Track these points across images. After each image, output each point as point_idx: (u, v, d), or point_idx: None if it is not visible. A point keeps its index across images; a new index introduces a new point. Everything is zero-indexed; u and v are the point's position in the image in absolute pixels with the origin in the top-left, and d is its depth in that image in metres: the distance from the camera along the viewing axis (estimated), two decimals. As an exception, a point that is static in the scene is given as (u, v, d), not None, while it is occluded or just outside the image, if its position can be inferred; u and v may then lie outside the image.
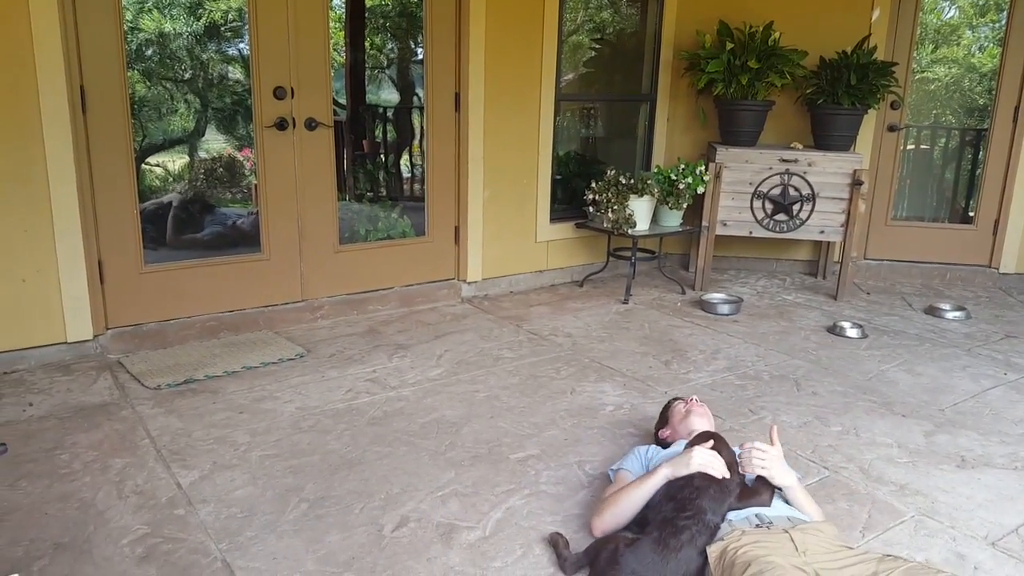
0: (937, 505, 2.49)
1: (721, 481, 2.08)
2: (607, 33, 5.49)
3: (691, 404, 2.61)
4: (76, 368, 3.38)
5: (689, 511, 2.00)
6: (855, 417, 3.13)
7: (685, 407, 2.61)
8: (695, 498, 2.02)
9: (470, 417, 3.02)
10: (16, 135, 3.16)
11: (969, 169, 5.59)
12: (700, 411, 2.57)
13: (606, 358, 3.72)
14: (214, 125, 4.52)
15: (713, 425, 2.60)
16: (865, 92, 4.70)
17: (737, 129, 4.93)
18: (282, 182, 3.92)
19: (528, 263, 4.92)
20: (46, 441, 2.73)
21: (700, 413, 2.56)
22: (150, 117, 4.19)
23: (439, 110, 4.40)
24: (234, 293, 3.89)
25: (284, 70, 3.79)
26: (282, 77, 3.78)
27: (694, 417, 2.54)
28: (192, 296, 3.77)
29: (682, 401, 2.66)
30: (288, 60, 3.79)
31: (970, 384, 3.52)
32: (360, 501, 2.41)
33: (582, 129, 5.64)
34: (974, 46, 5.55)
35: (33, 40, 3.12)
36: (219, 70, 4.45)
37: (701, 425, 2.52)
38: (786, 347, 3.94)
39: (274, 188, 3.90)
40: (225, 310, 3.86)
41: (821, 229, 4.86)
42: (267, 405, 3.08)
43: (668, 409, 2.70)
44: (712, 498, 2.03)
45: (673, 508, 2.03)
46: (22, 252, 3.26)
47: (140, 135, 4.09)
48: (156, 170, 4.49)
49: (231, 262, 3.90)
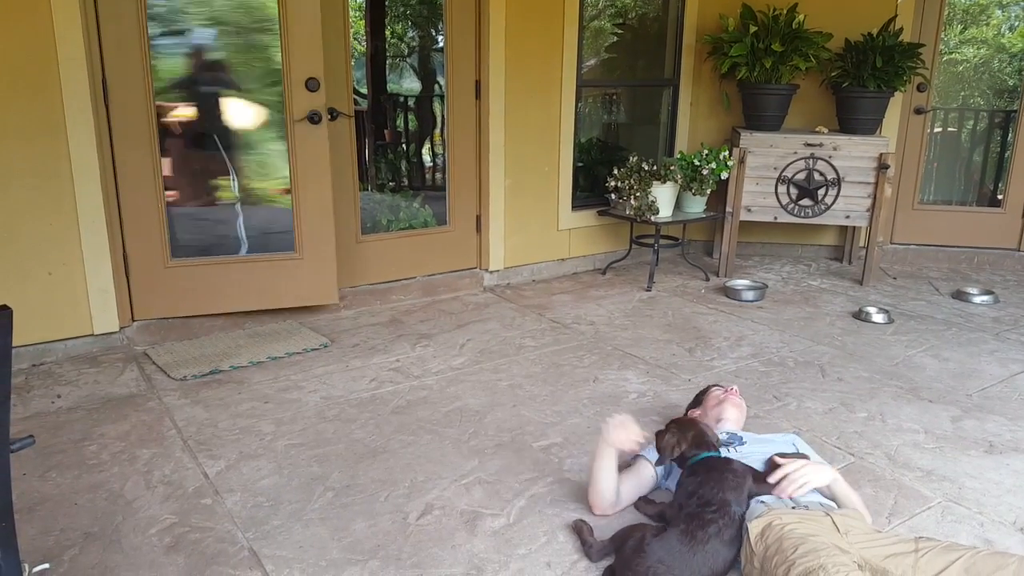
0: (964, 491, 2.46)
1: (736, 471, 2.08)
2: (629, 18, 5.44)
3: (729, 393, 2.61)
4: (103, 360, 3.42)
5: (714, 505, 1.99)
6: (881, 403, 3.09)
7: (723, 394, 2.60)
8: (718, 492, 2.02)
9: (493, 406, 3.03)
10: (40, 130, 3.19)
11: (998, 151, 5.48)
12: (736, 402, 2.57)
13: (629, 346, 3.70)
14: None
15: (743, 419, 2.59)
16: (891, 75, 4.62)
17: (761, 113, 4.87)
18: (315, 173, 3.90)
19: (550, 251, 4.90)
20: (74, 432, 2.77)
21: (735, 404, 2.56)
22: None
23: (459, 98, 4.39)
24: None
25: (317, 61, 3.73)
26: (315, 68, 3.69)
27: (728, 406, 2.52)
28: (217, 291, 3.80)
29: (721, 388, 2.66)
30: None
31: (998, 369, 3.47)
32: (385, 489, 2.42)
33: (604, 115, 5.60)
34: (1004, 26, 5.43)
35: (55, 35, 3.15)
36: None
37: (732, 415, 2.51)
38: (811, 333, 3.90)
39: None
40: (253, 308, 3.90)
41: (847, 214, 4.80)
42: (292, 395, 3.11)
43: (705, 392, 2.69)
44: (732, 488, 2.03)
45: (697, 503, 2.02)
46: (48, 246, 3.30)
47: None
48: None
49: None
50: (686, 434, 2.20)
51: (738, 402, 2.58)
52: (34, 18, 3.11)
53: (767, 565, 1.83)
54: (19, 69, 3.11)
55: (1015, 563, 1.71)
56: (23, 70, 3.12)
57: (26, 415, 2.88)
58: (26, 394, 3.06)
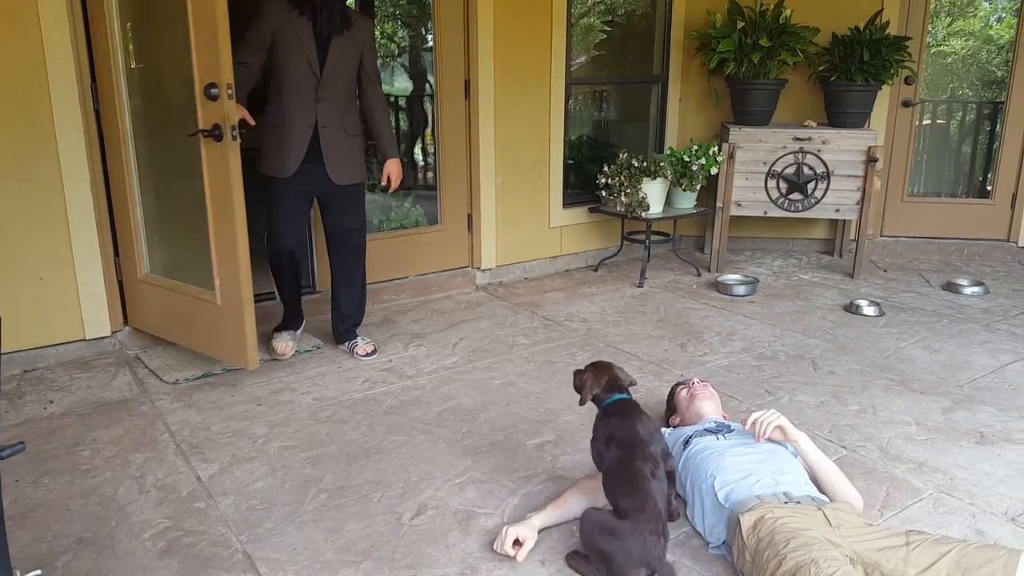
0: (956, 482, 2.48)
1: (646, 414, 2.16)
2: (617, 15, 5.44)
3: (693, 388, 2.62)
4: (95, 365, 3.41)
5: (635, 447, 2.03)
6: (873, 395, 3.11)
7: (688, 392, 2.61)
8: (633, 432, 2.07)
9: (486, 404, 3.03)
10: (29, 135, 3.18)
11: (986, 143, 5.51)
12: (704, 393, 2.58)
13: (622, 342, 3.71)
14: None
15: (719, 405, 2.60)
16: (878, 68, 4.64)
17: (750, 108, 4.88)
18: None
19: (542, 249, 4.91)
20: (67, 438, 2.76)
21: (705, 396, 2.57)
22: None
23: (449, 97, 4.39)
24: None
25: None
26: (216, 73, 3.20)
27: (699, 401, 2.55)
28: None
29: (684, 386, 2.67)
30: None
31: (989, 360, 3.49)
32: (378, 490, 2.42)
33: (594, 112, 5.61)
34: (992, 17, 5.45)
35: (43, 40, 3.13)
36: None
37: (708, 407, 2.52)
38: (803, 327, 3.91)
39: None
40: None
41: (836, 207, 4.81)
42: (285, 397, 3.11)
43: (673, 396, 2.72)
44: (644, 425, 2.10)
45: (617, 448, 2.06)
46: (39, 250, 3.29)
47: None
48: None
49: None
50: (600, 378, 2.26)
51: (707, 393, 2.59)
52: (22, 23, 3.09)
53: (759, 559, 1.84)
54: (7, 73, 3.10)
55: (1004, 556, 1.73)
56: (11, 74, 3.11)
57: (18, 421, 2.87)
58: (18, 400, 3.05)
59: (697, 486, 2.18)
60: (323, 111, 3.21)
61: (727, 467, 2.14)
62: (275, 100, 3.21)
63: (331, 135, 3.25)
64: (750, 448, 2.21)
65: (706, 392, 2.60)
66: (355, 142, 3.38)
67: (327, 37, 3.15)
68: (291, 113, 3.18)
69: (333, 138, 3.26)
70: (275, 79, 3.20)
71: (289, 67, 3.14)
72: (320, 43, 3.14)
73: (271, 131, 3.22)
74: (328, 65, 3.17)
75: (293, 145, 3.20)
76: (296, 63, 3.13)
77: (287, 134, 3.19)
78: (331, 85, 3.20)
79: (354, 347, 3.53)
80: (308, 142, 3.21)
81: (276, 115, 3.20)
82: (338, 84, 3.23)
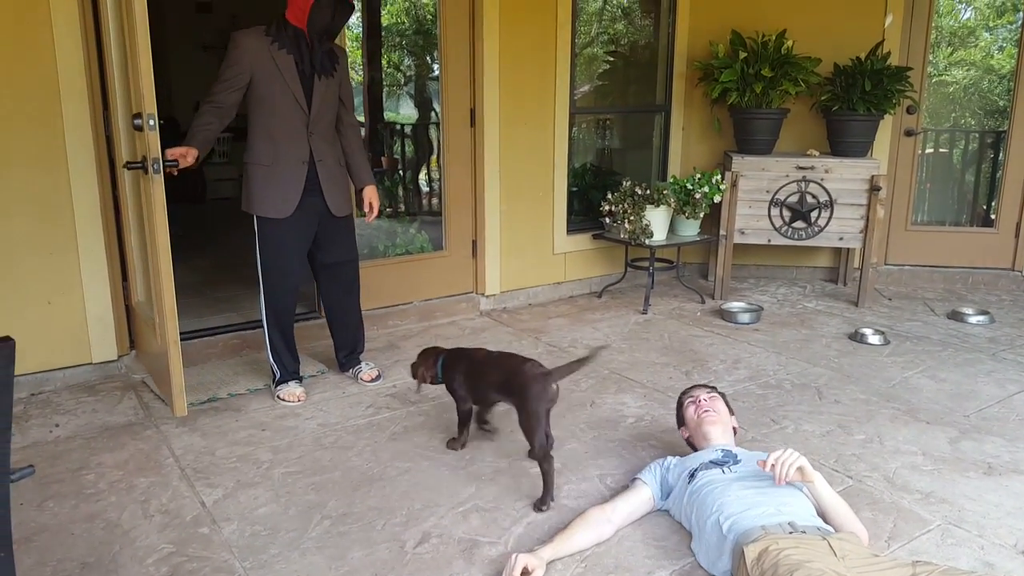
0: (964, 513, 2.46)
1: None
2: (620, 45, 5.50)
3: (700, 408, 2.57)
4: (101, 388, 3.42)
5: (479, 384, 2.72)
6: (878, 425, 3.10)
7: (696, 411, 2.58)
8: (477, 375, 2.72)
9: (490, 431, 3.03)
10: (41, 161, 3.22)
11: (990, 171, 5.54)
12: (709, 418, 2.53)
13: (626, 369, 3.71)
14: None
15: (728, 425, 2.56)
16: (880, 98, 4.68)
17: (752, 137, 4.92)
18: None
19: (546, 275, 4.93)
20: (72, 462, 2.77)
21: (711, 420, 2.52)
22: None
23: (455, 126, 4.43)
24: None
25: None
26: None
27: (705, 427, 2.51)
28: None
29: (692, 403, 2.62)
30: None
31: (995, 389, 3.48)
32: (382, 517, 2.42)
33: (597, 141, 5.65)
34: (993, 47, 5.50)
35: (57, 68, 3.19)
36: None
37: (715, 432, 2.49)
38: (807, 355, 3.91)
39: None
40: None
41: (840, 236, 4.83)
42: (289, 422, 3.11)
43: (681, 408, 2.68)
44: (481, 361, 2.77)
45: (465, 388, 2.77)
46: (48, 274, 3.32)
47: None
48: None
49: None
50: (428, 361, 2.83)
51: (712, 418, 2.54)
52: (37, 51, 3.15)
53: None
54: (22, 100, 3.15)
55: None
56: (26, 101, 3.16)
57: (24, 444, 2.88)
58: (24, 423, 3.05)
59: (701, 521, 2.16)
60: (316, 144, 3.12)
61: (731, 500, 2.12)
62: (263, 139, 3.07)
63: (326, 168, 3.17)
64: (755, 480, 2.20)
65: (712, 416, 2.55)
66: (344, 172, 3.32)
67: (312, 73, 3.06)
68: (284, 150, 3.06)
69: (329, 170, 3.18)
70: (259, 118, 3.06)
71: (275, 104, 3.02)
72: (304, 78, 3.05)
73: (260, 171, 3.08)
74: (315, 98, 3.07)
75: (291, 182, 3.09)
76: (283, 100, 3.02)
77: (282, 171, 3.07)
78: (319, 117, 3.12)
79: (358, 373, 3.53)
80: (305, 178, 3.10)
81: (265, 154, 3.07)
82: (325, 116, 3.15)
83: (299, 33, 3.01)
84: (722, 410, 2.60)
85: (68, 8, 3.17)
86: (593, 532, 2.27)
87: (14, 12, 3.08)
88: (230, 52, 2.99)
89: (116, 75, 3.22)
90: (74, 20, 3.19)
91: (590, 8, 5.21)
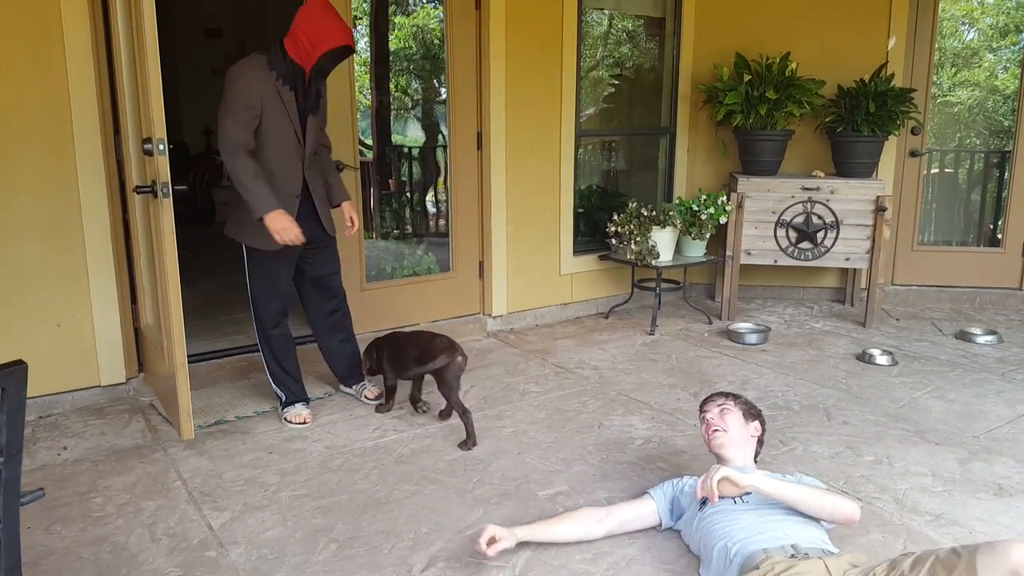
0: (975, 535, 2.44)
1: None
2: (626, 68, 5.55)
3: (709, 432, 2.46)
4: (109, 411, 3.43)
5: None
6: (887, 446, 3.09)
7: (706, 434, 2.49)
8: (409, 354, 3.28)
9: (497, 453, 3.03)
10: (53, 185, 3.26)
11: (996, 191, 5.54)
12: (718, 441, 2.43)
13: (633, 391, 3.70)
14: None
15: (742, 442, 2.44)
16: (884, 119, 4.70)
17: (757, 159, 4.94)
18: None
19: (553, 296, 4.93)
20: (80, 485, 2.77)
21: (719, 444, 2.43)
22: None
23: (462, 149, 4.47)
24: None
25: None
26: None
27: (716, 451, 2.45)
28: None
29: (704, 419, 2.51)
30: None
31: (1005, 410, 3.46)
32: (389, 541, 2.41)
33: (603, 162, 5.69)
34: (997, 67, 5.53)
35: (70, 94, 3.23)
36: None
37: (729, 454, 2.41)
38: (815, 376, 3.90)
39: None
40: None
41: (846, 256, 4.83)
42: (296, 445, 3.11)
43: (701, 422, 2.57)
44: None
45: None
46: (58, 297, 3.34)
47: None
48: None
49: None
50: (369, 352, 3.40)
51: (719, 440, 2.42)
52: (49, 77, 3.19)
53: None
54: (34, 126, 3.19)
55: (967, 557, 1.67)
56: (38, 127, 3.20)
57: (32, 467, 2.88)
58: (32, 446, 3.06)
59: (709, 546, 2.15)
60: (309, 177, 3.13)
61: (740, 527, 2.10)
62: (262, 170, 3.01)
63: (319, 196, 3.21)
64: (768, 508, 2.18)
65: (719, 437, 2.42)
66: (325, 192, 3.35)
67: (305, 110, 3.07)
68: (281, 185, 3.01)
69: (320, 197, 3.22)
70: (258, 150, 2.99)
71: (277, 139, 3.00)
72: (301, 114, 3.05)
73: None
74: (309, 134, 3.09)
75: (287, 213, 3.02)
76: (284, 135, 3.01)
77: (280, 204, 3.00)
78: (310, 150, 3.14)
79: (362, 391, 3.53)
80: (297, 211, 3.06)
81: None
82: (312, 147, 3.16)
83: (298, 70, 2.98)
84: (734, 425, 2.45)
85: (80, 35, 3.22)
86: (579, 528, 2.33)
87: (27, 39, 3.13)
88: (238, 86, 2.91)
89: (127, 100, 3.26)
90: (86, 46, 3.24)
91: (595, 32, 5.27)
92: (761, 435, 2.52)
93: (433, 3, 4.84)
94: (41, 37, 3.15)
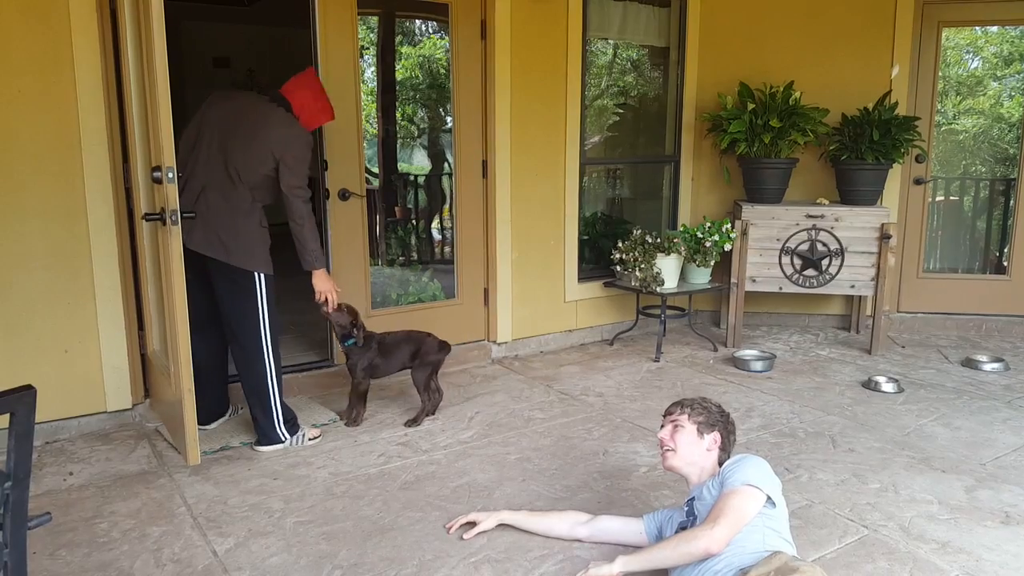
0: (982, 563, 2.42)
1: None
2: (630, 97, 5.60)
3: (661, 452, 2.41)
4: (115, 437, 3.44)
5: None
6: (893, 473, 3.07)
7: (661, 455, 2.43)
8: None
9: (502, 480, 3.02)
10: (61, 213, 3.30)
11: (1001, 218, 5.55)
12: (668, 462, 2.37)
13: (638, 417, 3.70)
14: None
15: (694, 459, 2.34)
16: (888, 147, 4.73)
17: (762, 187, 4.97)
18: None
19: (558, 323, 4.94)
20: (86, 510, 2.78)
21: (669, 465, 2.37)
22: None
23: (467, 177, 4.51)
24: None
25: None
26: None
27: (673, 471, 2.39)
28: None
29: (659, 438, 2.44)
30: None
31: (1011, 437, 3.44)
32: (393, 568, 2.40)
33: (607, 190, 5.71)
34: (1002, 95, 5.56)
35: (79, 122, 3.28)
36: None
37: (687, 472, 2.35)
38: (821, 403, 3.89)
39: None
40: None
41: (852, 283, 4.84)
42: (301, 471, 3.11)
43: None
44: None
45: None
46: (65, 323, 3.37)
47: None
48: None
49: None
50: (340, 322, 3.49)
51: (670, 461, 2.37)
52: (60, 105, 3.25)
53: None
54: (44, 153, 3.24)
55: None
56: (48, 154, 3.25)
57: (38, 492, 2.89)
58: (39, 471, 3.07)
59: None
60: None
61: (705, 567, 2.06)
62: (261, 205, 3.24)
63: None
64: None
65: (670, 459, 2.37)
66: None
67: None
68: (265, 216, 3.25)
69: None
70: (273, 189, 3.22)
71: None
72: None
73: (263, 233, 3.23)
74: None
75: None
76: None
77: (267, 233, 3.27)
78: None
79: (301, 438, 3.41)
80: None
81: (264, 218, 3.25)
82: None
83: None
84: (683, 443, 2.34)
85: (91, 64, 3.27)
86: (563, 525, 2.53)
87: (39, 67, 3.19)
88: (307, 144, 3.22)
89: (136, 128, 3.31)
90: (96, 75, 3.29)
91: (600, 61, 5.32)
92: (722, 443, 2.38)
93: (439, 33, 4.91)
94: (52, 65, 3.21)
